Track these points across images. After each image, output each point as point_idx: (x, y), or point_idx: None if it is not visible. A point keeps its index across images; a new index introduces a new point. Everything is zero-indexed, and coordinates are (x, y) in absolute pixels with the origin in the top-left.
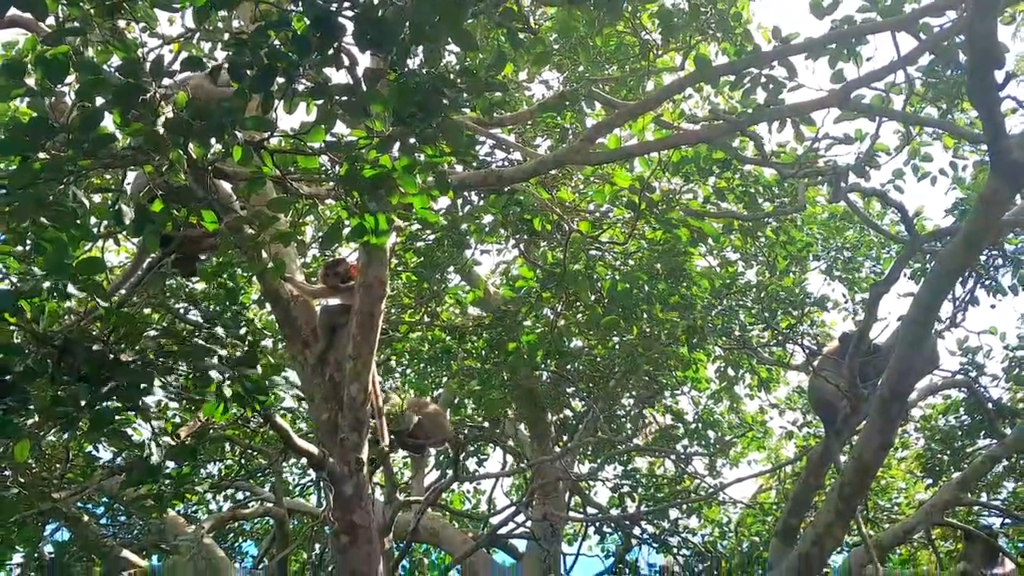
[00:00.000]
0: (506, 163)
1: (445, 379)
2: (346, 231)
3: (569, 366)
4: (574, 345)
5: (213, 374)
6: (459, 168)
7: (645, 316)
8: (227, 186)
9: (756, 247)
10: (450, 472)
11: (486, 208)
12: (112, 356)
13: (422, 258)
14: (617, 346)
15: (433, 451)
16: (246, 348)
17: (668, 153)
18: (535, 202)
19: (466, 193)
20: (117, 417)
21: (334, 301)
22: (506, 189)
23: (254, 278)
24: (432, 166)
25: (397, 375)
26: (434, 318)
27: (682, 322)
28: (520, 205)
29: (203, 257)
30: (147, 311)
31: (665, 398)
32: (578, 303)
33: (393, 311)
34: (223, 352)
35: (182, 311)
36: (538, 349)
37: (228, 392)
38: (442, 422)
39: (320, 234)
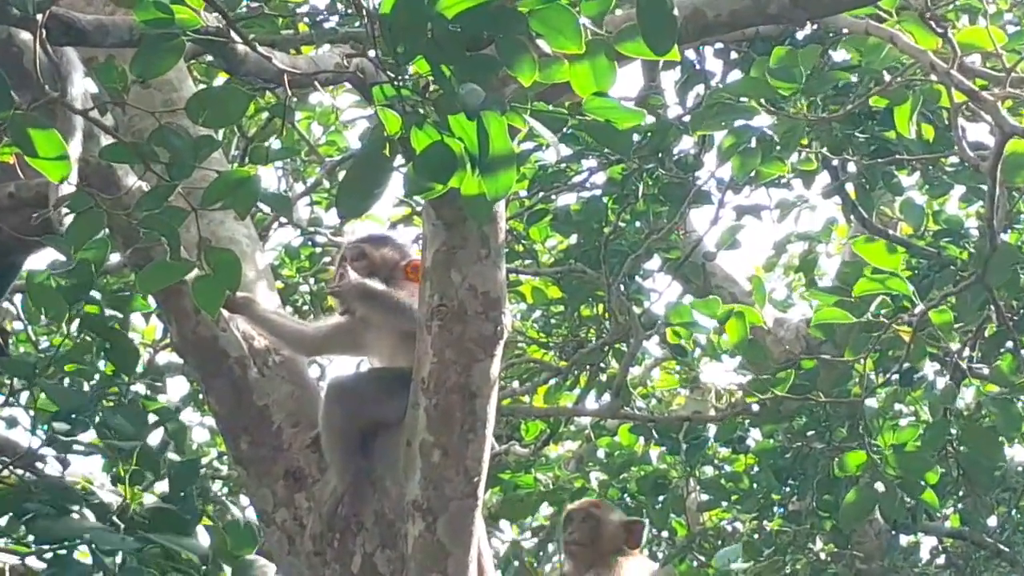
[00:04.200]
0: None
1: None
2: (401, 163)
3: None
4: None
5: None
6: None
7: None
8: (79, 68)
9: None
10: None
11: (751, 86)
12: None
13: (576, 236)
14: None
15: None
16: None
17: None
18: (892, 60)
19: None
20: None
21: (365, 358)
22: (806, 28)
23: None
24: None
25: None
26: (619, 396)
27: None
28: (851, 69)
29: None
30: None
31: None
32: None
33: (507, 378)
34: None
35: None
36: (920, 471)
37: None
38: None
39: (317, 169)
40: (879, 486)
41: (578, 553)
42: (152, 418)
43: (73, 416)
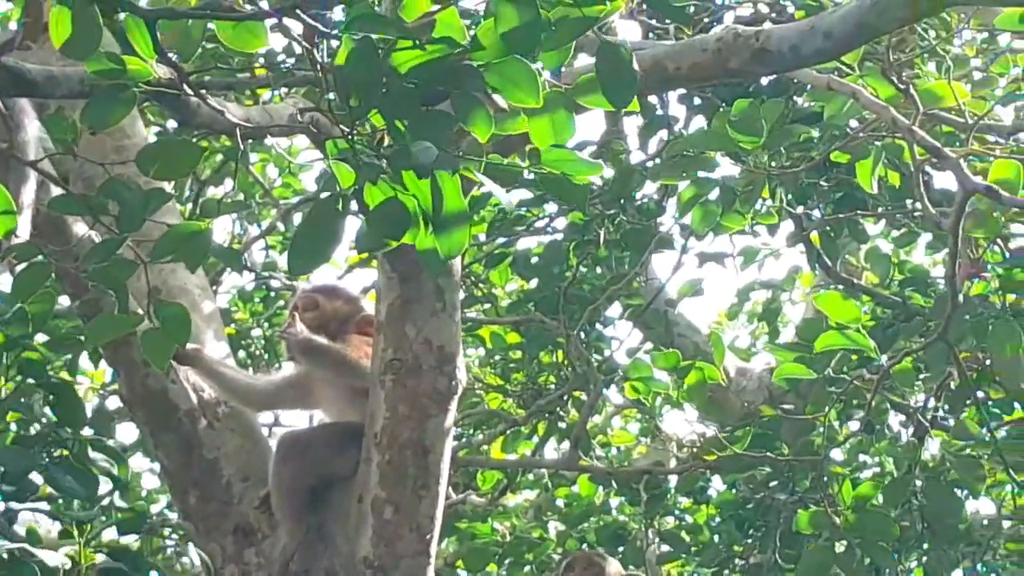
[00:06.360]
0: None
1: None
2: (353, 223)
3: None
4: None
5: None
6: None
7: None
8: (32, 116)
9: None
10: None
11: (712, 138)
12: None
13: (538, 282)
14: None
15: None
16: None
17: None
18: (855, 114)
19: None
20: None
21: (319, 413)
22: (765, 79)
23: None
24: (579, 27)
25: None
26: (578, 447)
27: None
28: (814, 118)
29: None
30: None
31: None
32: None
33: (465, 427)
34: None
35: None
36: (880, 531)
37: None
38: None
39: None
40: (839, 544)
41: None
42: (100, 458)
43: (20, 478)
